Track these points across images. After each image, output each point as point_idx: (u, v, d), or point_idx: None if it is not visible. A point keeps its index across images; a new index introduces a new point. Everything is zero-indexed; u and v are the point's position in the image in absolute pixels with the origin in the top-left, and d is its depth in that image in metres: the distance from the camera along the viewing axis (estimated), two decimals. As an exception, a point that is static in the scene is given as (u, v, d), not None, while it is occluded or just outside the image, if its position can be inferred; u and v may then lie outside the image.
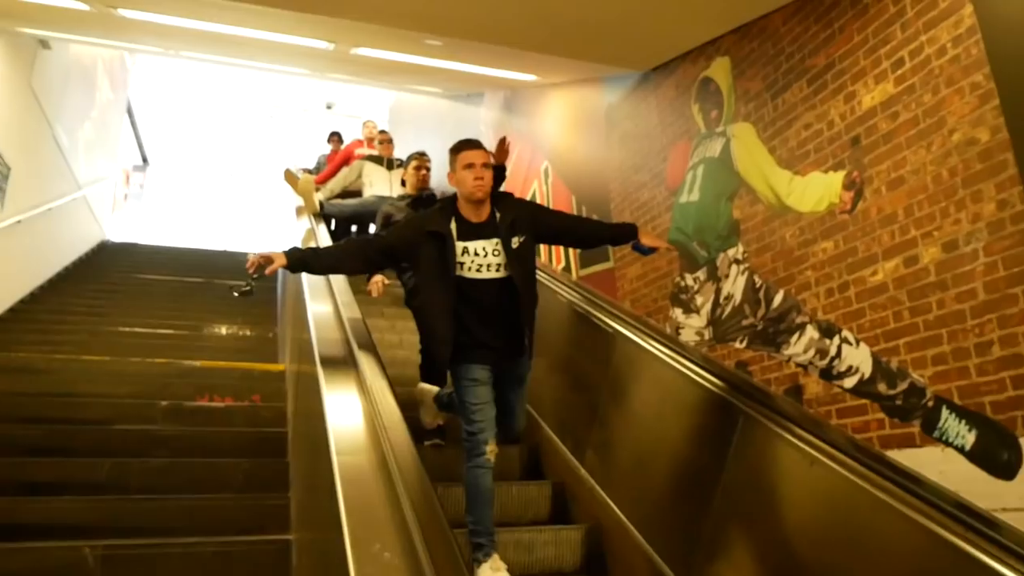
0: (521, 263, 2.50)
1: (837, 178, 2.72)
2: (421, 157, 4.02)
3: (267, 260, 2.42)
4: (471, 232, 2.48)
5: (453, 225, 2.48)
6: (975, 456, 2.02)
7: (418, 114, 10.31)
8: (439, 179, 5.05)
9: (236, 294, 2.36)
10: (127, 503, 2.94)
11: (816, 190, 2.83)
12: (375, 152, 6.57)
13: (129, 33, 6.05)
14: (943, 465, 2.08)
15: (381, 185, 5.79)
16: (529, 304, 2.54)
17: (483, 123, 7.61)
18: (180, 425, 3.74)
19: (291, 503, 3.03)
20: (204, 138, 14.93)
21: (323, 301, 3.25)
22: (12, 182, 5.91)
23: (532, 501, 3.15)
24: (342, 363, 2.45)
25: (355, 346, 2.53)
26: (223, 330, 6.24)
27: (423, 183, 3.97)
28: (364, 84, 11.04)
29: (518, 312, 2.50)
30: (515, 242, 2.48)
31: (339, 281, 3.39)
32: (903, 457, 2.21)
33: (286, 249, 2.48)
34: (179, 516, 2.91)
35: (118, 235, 10.72)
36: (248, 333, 6.18)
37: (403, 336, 4.96)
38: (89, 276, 7.58)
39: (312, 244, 4.55)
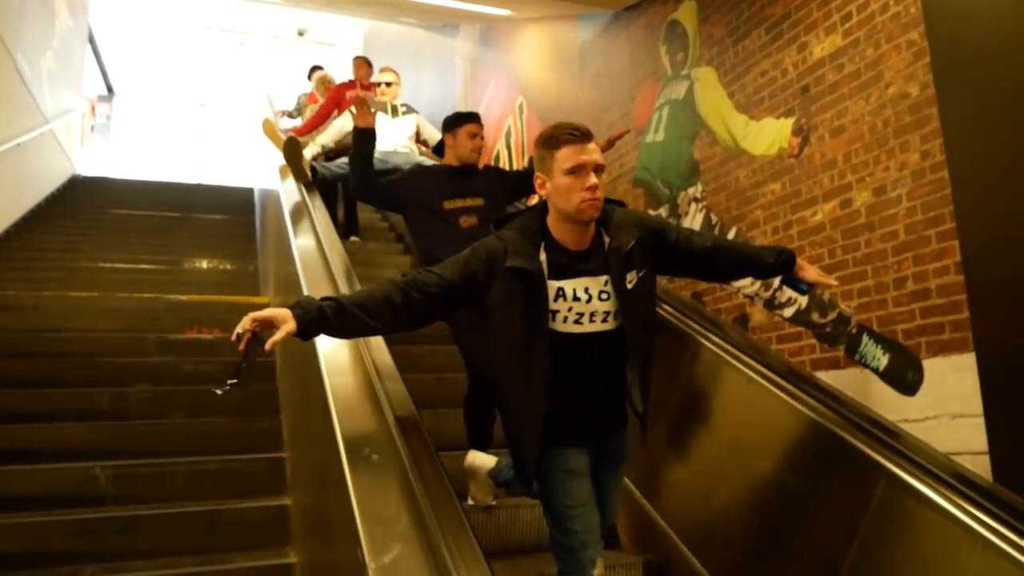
0: (638, 308, 1.80)
1: (787, 124, 2.93)
2: (476, 122, 3.11)
3: (266, 326, 1.61)
4: (569, 266, 1.76)
5: (543, 256, 1.75)
6: (886, 376, 2.31)
7: (394, 42, 10.21)
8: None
9: (220, 392, 1.72)
10: (130, 427, 3.18)
11: (768, 135, 3.03)
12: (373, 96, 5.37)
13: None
14: (861, 385, 2.37)
15: (384, 137, 4.51)
16: (648, 365, 1.86)
17: (459, 55, 7.62)
18: (172, 356, 3.94)
19: (283, 424, 3.29)
20: (171, 66, 14.59)
21: (307, 236, 3.43)
22: (-23, 117, 5.87)
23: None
24: (328, 294, 2.65)
25: (340, 280, 2.73)
26: (204, 264, 6.37)
27: (478, 153, 3.09)
28: (337, 13, 10.87)
29: (624, 373, 1.82)
30: (630, 279, 1.77)
31: (323, 224, 3.53)
32: (829, 377, 2.51)
33: (295, 303, 1.66)
34: (180, 439, 3.15)
35: (88, 169, 10.62)
36: (229, 267, 6.32)
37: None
38: (63, 212, 7.57)
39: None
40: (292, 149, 4.51)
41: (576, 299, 1.75)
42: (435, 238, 2.86)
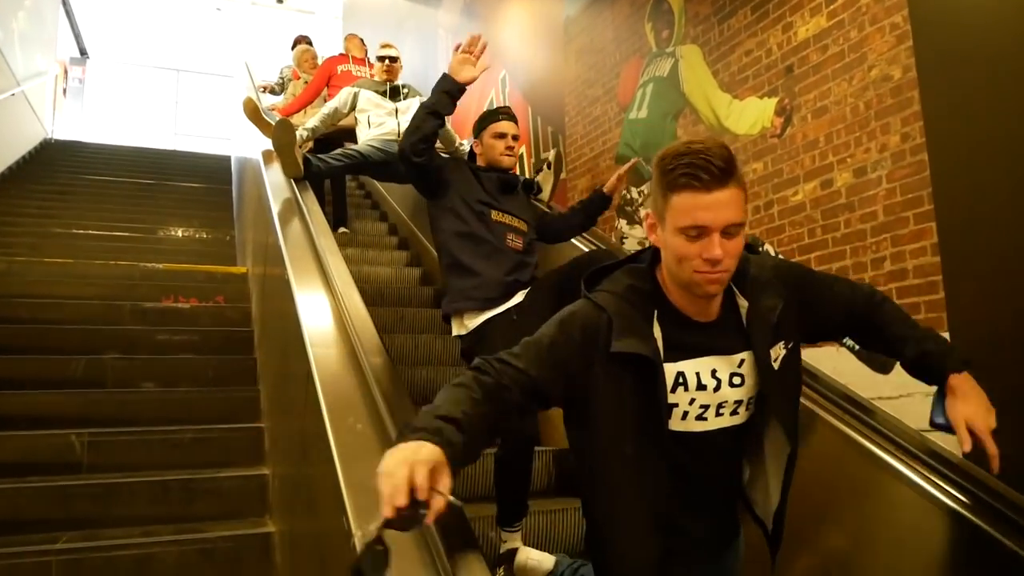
0: (786, 392, 1.34)
1: (770, 104, 2.94)
2: (501, 119, 2.60)
3: (429, 483, 0.97)
4: (692, 343, 1.28)
5: (657, 331, 1.26)
6: (862, 355, 2.36)
7: (375, 12, 10.06)
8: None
9: None
10: (105, 396, 3.15)
11: (751, 114, 3.04)
12: (364, 74, 4.98)
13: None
14: (836, 362, 2.42)
15: (385, 123, 4.15)
16: (792, 467, 1.37)
17: (442, 27, 7.52)
18: (148, 325, 3.90)
19: (261, 395, 3.28)
20: (147, 30, 14.26)
21: (290, 210, 3.39)
22: (-51, 77, 5.72)
23: None
24: (310, 265, 2.63)
25: (323, 249, 2.70)
26: (180, 232, 6.30)
27: (511, 156, 2.58)
28: (317, -20, 10.67)
29: (741, 477, 1.38)
30: (776, 355, 1.30)
31: (311, 206, 3.45)
32: (805, 355, 2.55)
33: (430, 434, 1.03)
34: (156, 408, 3.13)
35: (61, 133, 10.42)
36: (205, 236, 6.26)
37: (419, 340, 3.68)
38: (35, 177, 7.45)
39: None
40: (284, 136, 3.73)
41: (700, 387, 1.27)
42: (476, 248, 2.39)
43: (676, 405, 1.26)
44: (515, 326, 2.18)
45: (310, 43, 6.64)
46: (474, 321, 2.31)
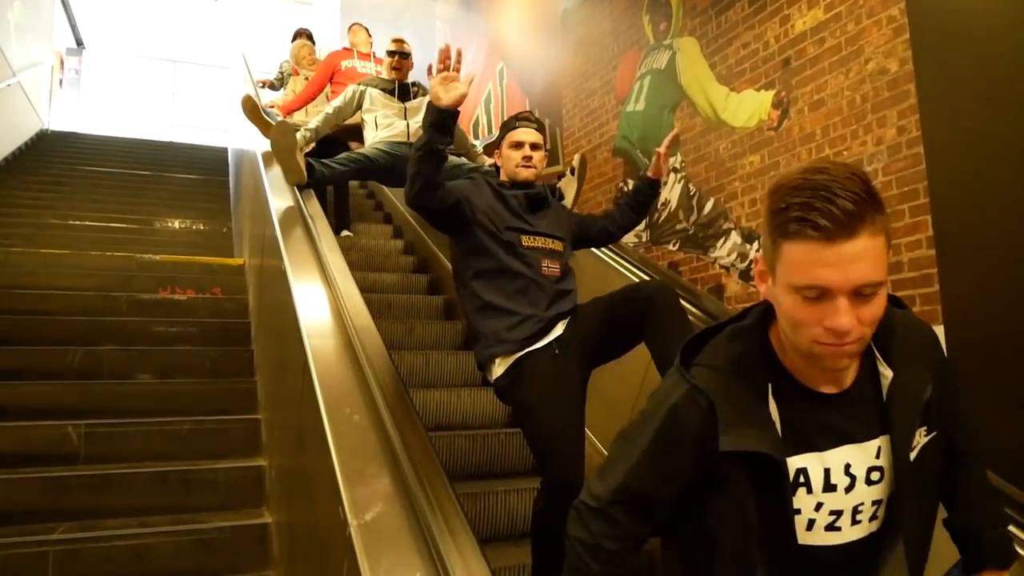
0: (923, 493, 1.04)
1: (767, 97, 2.94)
2: (519, 127, 2.30)
3: None
4: (818, 427, 1.01)
5: (774, 410, 1.00)
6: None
7: (373, 4, 10.02)
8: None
9: None
10: (103, 387, 3.14)
11: (748, 107, 3.05)
12: (370, 70, 4.73)
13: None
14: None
15: (394, 125, 3.84)
16: None
17: (440, 19, 7.50)
18: (145, 316, 3.90)
19: (258, 386, 3.28)
20: (144, 21, 14.21)
21: (287, 202, 3.39)
22: (-56, 67, 5.69)
23: None
24: (307, 256, 2.63)
25: (320, 240, 2.70)
26: (176, 224, 6.28)
27: (530, 167, 2.28)
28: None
29: None
30: (916, 441, 1.03)
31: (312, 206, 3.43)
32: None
33: None
34: (152, 399, 3.13)
35: (57, 124, 10.38)
36: (202, 227, 6.24)
37: (430, 357, 3.50)
38: (31, 167, 7.41)
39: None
40: (283, 139, 3.47)
41: (829, 487, 0.99)
42: (508, 285, 2.11)
43: (799, 512, 0.99)
44: (556, 361, 2.00)
45: (310, 37, 6.27)
46: (509, 359, 2.05)
